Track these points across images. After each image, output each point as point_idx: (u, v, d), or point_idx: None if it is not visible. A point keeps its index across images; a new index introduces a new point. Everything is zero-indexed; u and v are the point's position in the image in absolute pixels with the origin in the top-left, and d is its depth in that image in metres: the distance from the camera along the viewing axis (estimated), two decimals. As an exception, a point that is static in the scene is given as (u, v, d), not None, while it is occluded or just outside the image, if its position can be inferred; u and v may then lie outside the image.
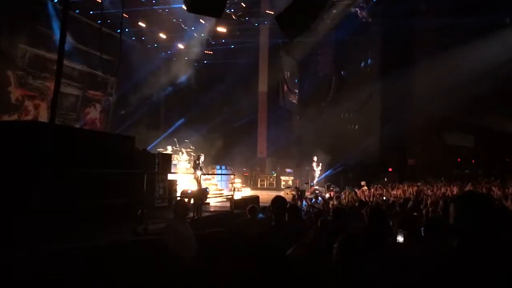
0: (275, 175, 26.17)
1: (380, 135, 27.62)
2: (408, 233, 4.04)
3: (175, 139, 18.25)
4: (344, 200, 13.20)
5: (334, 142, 26.29)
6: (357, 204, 10.33)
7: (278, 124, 27.19)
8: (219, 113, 26.74)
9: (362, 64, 30.21)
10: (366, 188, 18.23)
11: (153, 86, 23.74)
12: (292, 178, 25.12)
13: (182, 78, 25.05)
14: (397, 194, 15.10)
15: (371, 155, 26.74)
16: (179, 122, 24.99)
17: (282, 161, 27.22)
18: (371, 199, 14.00)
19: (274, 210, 4.81)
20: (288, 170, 26.56)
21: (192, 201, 10.59)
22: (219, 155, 22.84)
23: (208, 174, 16.84)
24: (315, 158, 23.11)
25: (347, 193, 15.15)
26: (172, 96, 26.03)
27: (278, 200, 4.94)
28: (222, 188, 17.75)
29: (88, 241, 6.68)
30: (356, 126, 29.58)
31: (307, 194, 18.76)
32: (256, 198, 14.29)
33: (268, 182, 25.80)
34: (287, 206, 5.09)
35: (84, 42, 19.59)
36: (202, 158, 14.34)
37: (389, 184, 20.34)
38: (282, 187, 23.62)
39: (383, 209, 5.77)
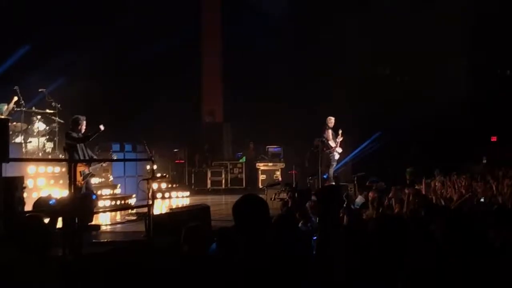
0: (244, 160, 17.73)
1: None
2: None
3: (17, 88, 11.94)
4: (395, 207, 8.94)
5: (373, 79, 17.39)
6: (423, 212, 7.34)
7: (245, 40, 17.27)
8: (111, 24, 15.71)
9: None
10: (440, 182, 11.83)
11: None
12: (281, 165, 17.33)
13: None
14: (507, 191, 10.48)
15: (457, 108, 16.75)
16: (22, 50, 15.15)
17: (257, 129, 18.15)
18: (455, 200, 9.86)
19: (240, 224, 2.87)
20: (272, 148, 18.07)
21: (60, 222, 7.03)
22: (117, 123, 14.73)
23: (97, 161, 11.35)
24: (331, 120, 13.97)
25: (406, 192, 9.76)
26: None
27: (247, 203, 2.89)
28: (129, 194, 12.88)
29: None
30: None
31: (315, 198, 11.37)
32: (204, 210, 9.63)
33: (229, 176, 17.20)
34: (272, 218, 3.44)
35: None
36: (82, 124, 9.72)
37: (490, 172, 13.52)
38: (260, 185, 16.54)
39: (474, 219, 4.30)
